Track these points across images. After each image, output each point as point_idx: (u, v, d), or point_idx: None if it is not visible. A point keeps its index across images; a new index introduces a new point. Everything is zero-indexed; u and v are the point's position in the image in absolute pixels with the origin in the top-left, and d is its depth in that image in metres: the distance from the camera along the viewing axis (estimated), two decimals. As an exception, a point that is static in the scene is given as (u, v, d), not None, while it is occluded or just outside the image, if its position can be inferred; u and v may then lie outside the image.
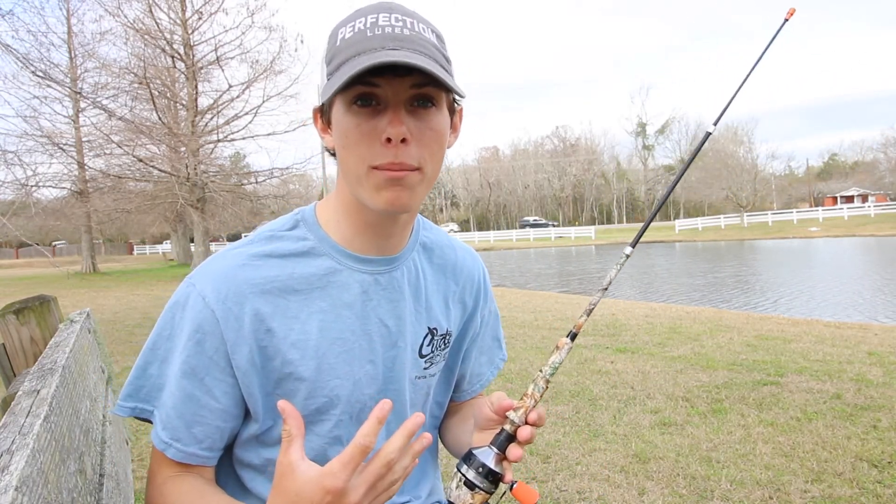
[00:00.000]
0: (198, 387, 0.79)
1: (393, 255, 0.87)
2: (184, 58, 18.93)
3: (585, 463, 2.92)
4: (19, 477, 0.56)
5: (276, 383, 0.82)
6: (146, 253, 58.23)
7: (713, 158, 55.23)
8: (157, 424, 0.81)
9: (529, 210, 77.05)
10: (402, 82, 0.72)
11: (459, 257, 1.00)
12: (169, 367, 0.80)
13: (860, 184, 63.03)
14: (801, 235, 33.54)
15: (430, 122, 0.76)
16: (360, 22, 0.75)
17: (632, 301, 9.92)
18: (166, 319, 0.82)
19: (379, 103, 0.74)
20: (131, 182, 20.11)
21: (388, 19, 0.74)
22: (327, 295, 0.83)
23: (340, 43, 0.75)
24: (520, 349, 5.64)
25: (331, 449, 0.86)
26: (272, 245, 0.83)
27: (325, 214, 0.87)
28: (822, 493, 2.52)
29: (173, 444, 0.79)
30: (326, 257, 0.84)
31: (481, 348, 1.06)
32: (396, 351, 0.88)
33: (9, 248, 53.14)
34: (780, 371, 4.46)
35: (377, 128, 0.73)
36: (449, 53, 0.80)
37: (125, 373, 5.19)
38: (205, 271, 0.81)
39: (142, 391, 0.82)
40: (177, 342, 0.80)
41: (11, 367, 1.46)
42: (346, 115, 0.75)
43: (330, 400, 0.84)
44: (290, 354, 0.81)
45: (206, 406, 0.80)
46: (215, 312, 0.78)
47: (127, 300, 12.18)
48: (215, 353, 0.79)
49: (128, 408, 0.82)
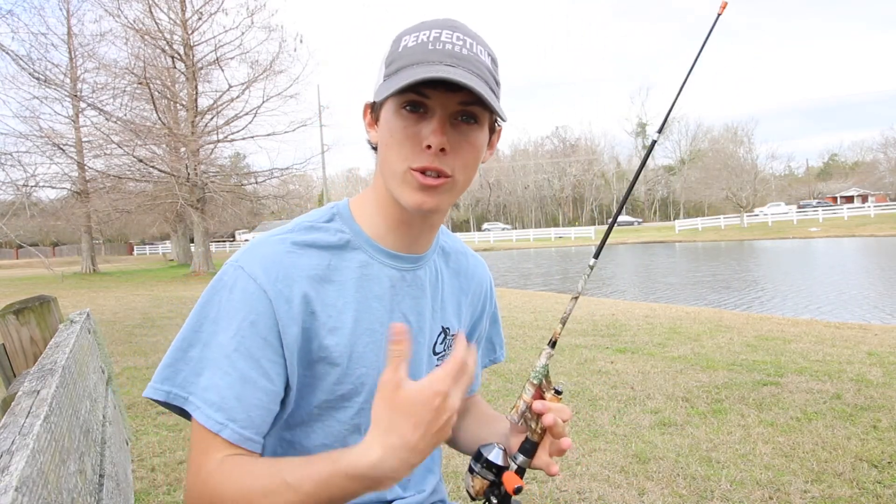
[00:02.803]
0: (254, 368, 0.78)
1: (420, 254, 0.92)
2: (184, 58, 18.94)
3: (585, 463, 2.92)
4: (19, 477, 0.56)
5: (308, 365, 0.84)
6: (146, 253, 58.20)
7: (713, 158, 55.30)
8: (203, 407, 0.77)
9: (529, 210, 77.07)
10: (451, 97, 0.78)
11: (471, 265, 1.06)
12: (211, 351, 0.78)
13: (860, 184, 63.06)
14: (800, 236, 33.54)
15: (469, 137, 0.81)
16: (425, 34, 0.80)
17: (632, 301, 9.92)
18: (211, 301, 0.80)
19: (426, 111, 0.79)
20: (131, 182, 20.12)
21: (451, 37, 0.79)
22: (360, 286, 0.87)
23: (403, 50, 0.80)
24: (520, 349, 5.64)
25: (350, 437, 0.88)
26: (313, 235, 0.86)
27: (360, 209, 0.91)
28: (822, 493, 2.52)
29: (230, 424, 0.76)
30: (360, 251, 0.88)
31: (482, 352, 1.13)
32: (416, 346, 0.93)
33: (9, 248, 53.13)
34: (779, 371, 4.46)
35: (421, 133, 0.79)
36: (500, 77, 0.85)
37: (125, 373, 5.19)
38: (251, 254, 0.82)
39: (179, 375, 0.79)
40: (224, 324, 0.78)
41: (11, 367, 1.46)
42: (394, 117, 0.80)
43: (356, 387, 0.87)
44: (328, 340, 0.83)
45: (262, 388, 0.79)
46: (267, 293, 0.79)
47: (127, 300, 12.18)
48: (269, 334, 0.79)
49: (162, 391, 0.78)
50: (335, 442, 0.87)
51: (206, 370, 0.78)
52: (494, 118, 0.86)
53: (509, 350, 5.63)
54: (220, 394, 0.77)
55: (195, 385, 0.78)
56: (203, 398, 0.77)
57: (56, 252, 51.20)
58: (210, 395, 0.77)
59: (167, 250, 46.82)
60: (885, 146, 62.64)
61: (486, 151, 0.88)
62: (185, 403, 0.78)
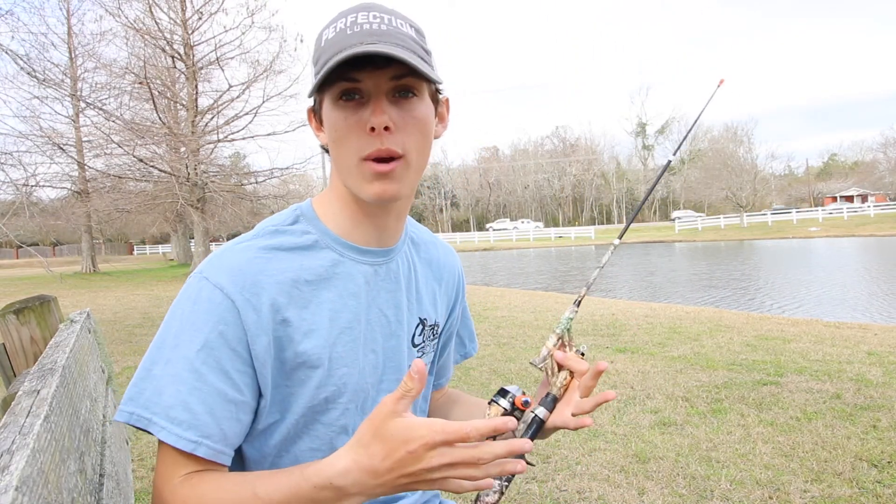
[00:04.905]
0: (224, 381, 0.76)
1: (390, 246, 0.91)
2: (184, 58, 18.91)
3: (585, 463, 2.92)
4: (19, 477, 0.56)
5: (287, 374, 0.82)
6: (146, 253, 58.20)
7: (713, 158, 55.27)
8: (169, 427, 0.73)
9: (529, 210, 77.06)
10: (381, 74, 0.76)
11: (442, 253, 1.04)
12: (174, 367, 0.75)
13: (860, 184, 63.06)
14: (800, 235, 33.53)
15: (412, 111, 0.79)
16: (342, 22, 0.79)
17: (632, 301, 9.92)
18: (174, 315, 0.78)
19: (362, 97, 0.78)
20: (131, 182, 20.10)
21: (367, 17, 0.78)
22: (333, 286, 0.85)
23: (324, 44, 0.79)
24: (519, 349, 5.64)
25: (337, 439, 0.86)
26: (278, 239, 0.84)
27: (323, 209, 0.89)
28: (822, 492, 2.53)
29: (204, 441, 0.74)
30: (329, 250, 0.86)
31: (454, 343, 1.12)
32: (395, 341, 0.91)
33: (9, 248, 53.12)
34: (779, 371, 4.46)
35: (362, 119, 0.78)
36: (429, 46, 0.84)
37: (125, 373, 5.19)
38: (215, 264, 0.80)
39: (143, 395, 0.75)
40: (188, 337, 0.76)
41: (11, 367, 1.45)
42: (333, 110, 0.79)
43: (338, 388, 0.85)
44: (303, 345, 0.81)
45: (233, 401, 0.77)
46: (235, 302, 0.77)
47: (127, 300, 12.18)
48: (238, 345, 0.77)
49: (126, 412, 0.75)
50: (323, 445, 0.86)
51: (170, 387, 0.74)
52: (434, 89, 0.84)
53: (509, 350, 5.63)
54: (189, 410, 0.74)
55: (158, 405, 0.74)
56: (168, 417, 0.73)
57: (56, 252, 51.18)
58: (177, 414, 0.73)
59: (167, 250, 46.84)
60: (884, 146, 62.69)
61: (439, 125, 0.87)
62: (149, 425, 0.74)
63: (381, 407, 0.65)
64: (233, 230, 27.49)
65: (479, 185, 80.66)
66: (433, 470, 0.64)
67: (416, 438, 0.63)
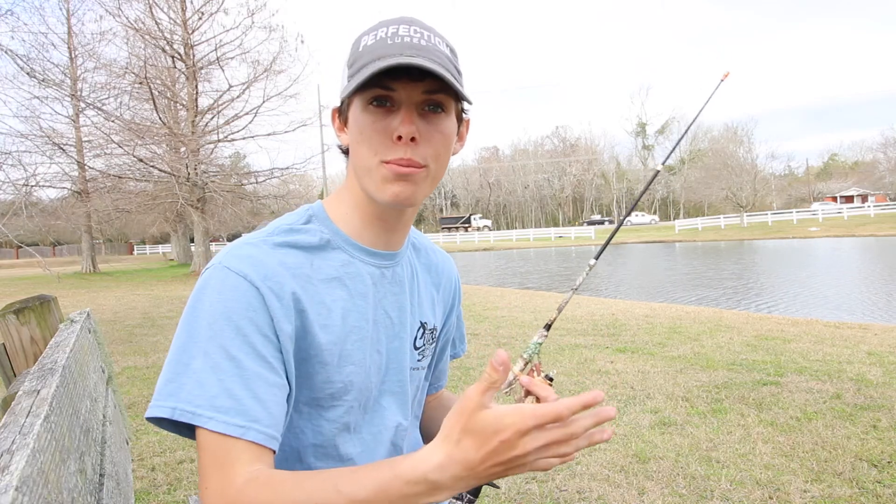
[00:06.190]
0: (262, 365, 0.76)
1: (396, 250, 0.93)
2: (184, 58, 18.91)
3: (585, 463, 2.92)
4: (19, 477, 0.57)
5: (298, 364, 0.83)
6: (146, 253, 58.21)
7: (713, 158, 55.28)
8: (216, 416, 0.72)
9: (529, 209, 77.07)
10: (415, 87, 0.79)
11: (440, 260, 1.07)
12: (212, 358, 0.74)
13: (860, 184, 63.06)
14: (800, 235, 33.52)
15: (438, 125, 0.82)
16: (382, 31, 0.81)
17: (631, 301, 9.92)
18: (200, 306, 0.76)
19: (393, 105, 0.80)
20: (131, 182, 20.10)
21: (408, 30, 0.81)
22: (345, 285, 0.87)
23: (363, 49, 0.81)
24: (519, 349, 5.63)
25: (339, 436, 0.87)
26: (293, 237, 0.85)
27: (335, 210, 0.90)
28: (822, 492, 2.53)
29: (253, 425, 0.72)
30: (341, 250, 0.88)
31: (450, 346, 1.14)
32: (399, 342, 0.93)
33: (9, 248, 53.10)
34: (779, 371, 4.46)
35: (390, 126, 0.79)
36: (461, 66, 0.87)
37: (125, 372, 5.19)
38: (235, 254, 0.80)
39: (184, 389, 0.73)
40: (222, 326, 0.75)
41: (12, 367, 1.45)
42: (362, 114, 0.81)
43: (345, 386, 0.86)
44: (319, 338, 0.83)
45: (274, 384, 0.76)
46: (259, 290, 0.77)
47: (127, 300, 12.18)
48: (268, 330, 0.77)
49: (167, 408, 0.72)
50: (325, 442, 0.86)
51: (211, 377, 0.73)
52: (460, 108, 0.87)
53: (509, 350, 5.63)
54: (233, 398, 0.73)
55: (201, 397, 0.73)
56: (214, 407, 0.72)
57: (56, 252, 51.21)
58: (222, 402, 0.73)
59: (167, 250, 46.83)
60: (884, 146, 62.63)
61: (457, 143, 0.89)
62: (194, 418, 0.72)
63: (467, 402, 0.64)
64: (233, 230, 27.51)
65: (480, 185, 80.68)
66: (527, 454, 0.64)
67: (508, 426, 0.62)
